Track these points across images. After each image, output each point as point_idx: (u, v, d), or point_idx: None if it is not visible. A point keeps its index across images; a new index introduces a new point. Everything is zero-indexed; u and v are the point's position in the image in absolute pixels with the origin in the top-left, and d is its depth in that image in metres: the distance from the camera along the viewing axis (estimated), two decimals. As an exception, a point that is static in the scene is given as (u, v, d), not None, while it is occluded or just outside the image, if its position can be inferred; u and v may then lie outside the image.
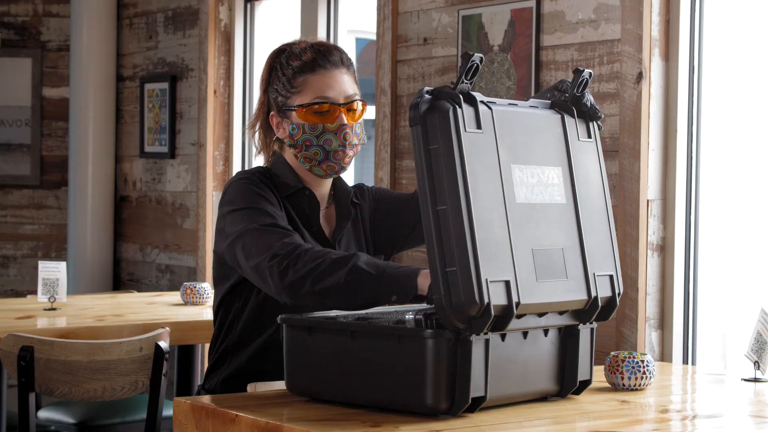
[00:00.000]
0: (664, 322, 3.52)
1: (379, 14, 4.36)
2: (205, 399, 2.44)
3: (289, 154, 2.82)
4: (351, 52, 6.84)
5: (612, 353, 2.75)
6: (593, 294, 2.39)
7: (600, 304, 2.42)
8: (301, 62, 2.75)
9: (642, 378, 2.73)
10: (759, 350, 2.96)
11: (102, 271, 5.99)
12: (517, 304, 2.23)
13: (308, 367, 2.40)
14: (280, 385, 2.70)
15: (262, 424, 2.24)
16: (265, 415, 2.27)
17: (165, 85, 5.69)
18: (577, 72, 2.47)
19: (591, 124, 2.52)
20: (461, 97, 2.22)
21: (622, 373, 2.72)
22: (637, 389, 2.71)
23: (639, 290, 3.47)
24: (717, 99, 3.51)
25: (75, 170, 6.01)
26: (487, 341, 2.26)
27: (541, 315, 2.34)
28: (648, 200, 3.49)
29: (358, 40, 6.82)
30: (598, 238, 2.42)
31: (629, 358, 2.73)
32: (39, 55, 6.23)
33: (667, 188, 3.52)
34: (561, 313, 2.39)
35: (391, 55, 4.30)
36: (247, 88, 5.40)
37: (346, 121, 2.73)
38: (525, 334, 2.37)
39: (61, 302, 4.34)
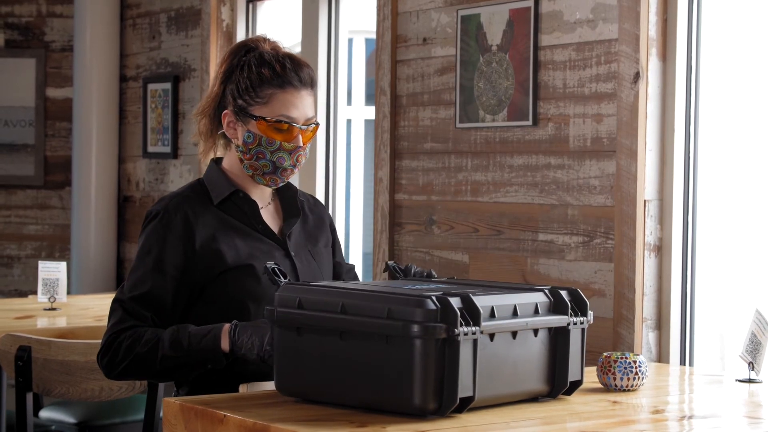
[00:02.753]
0: (661, 323, 3.51)
1: (378, 14, 4.35)
2: (194, 399, 2.44)
3: (231, 157, 2.81)
4: (360, 52, 6.84)
5: (604, 354, 2.74)
6: (546, 290, 2.47)
7: (566, 298, 2.48)
8: (272, 74, 2.72)
9: (635, 379, 2.72)
10: (753, 351, 2.95)
11: (105, 271, 6.00)
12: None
13: (298, 368, 2.39)
14: (272, 386, 2.70)
15: (249, 424, 2.24)
16: (253, 416, 2.27)
17: (168, 86, 5.70)
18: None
19: None
20: None
21: (614, 373, 2.71)
22: (629, 390, 2.70)
23: (636, 291, 3.46)
24: (714, 99, 3.50)
25: (78, 170, 6.02)
26: (475, 341, 2.26)
27: (515, 312, 2.37)
28: (645, 200, 3.48)
29: (367, 40, 6.82)
30: (506, 283, 2.59)
31: (622, 358, 2.73)
32: (43, 55, 6.24)
33: (665, 188, 3.51)
34: (536, 310, 2.42)
35: (391, 55, 4.30)
36: (249, 89, 5.40)
37: (301, 143, 2.75)
38: (514, 334, 2.37)
39: (61, 302, 4.35)
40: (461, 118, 4.02)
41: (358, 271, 4.88)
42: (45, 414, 4.37)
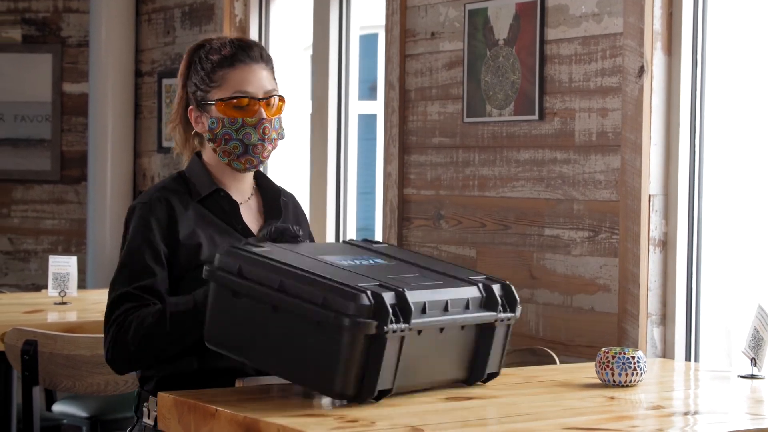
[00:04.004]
0: (666, 319, 3.49)
1: (387, 8, 4.35)
2: (187, 393, 2.45)
3: (208, 151, 2.83)
4: (373, 48, 6.84)
5: (603, 349, 2.73)
6: (480, 285, 2.48)
7: (497, 293, 2.49)
8: (221, 57, 2.76)
9: (633, 374, 2.71)
10: (756, 347, 2.94)
11: (121, 266, 6.02)
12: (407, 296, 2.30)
13: (229, 325, 2.43)
14: (268, 380, 2.70)
15: (240, 418, 2.25)
16: (244, 410, 2.28)
17: (182, 81, 5.70)
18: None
19: None
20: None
21: (612, 369, 2.71)
22: (627, 385, 2.70)
23: (641, 286, 3.44)
24: (720, 93, 3.48)
25: (94, 165, 6.05)
26: (402, 338, 2.29)
27: (445, 308, 2.39)
28: (650, 195, 3.46)
29: (360, 37, 6.79)
30: (442, 265, 2.60)
31: (620, 354, 2.72)
32: (59, 50, 6.27)
33: (669, 183, 3.49)
34: (467, 306, 2.44)
35: (400, 49, 4.29)
36: (262, 83, 5.41)
37: (265, 116, 2.75)
38: (442, 329, 2.40)
39: (71, 296, 4.37)
40: (469, 112, 4.02)
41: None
42: (58, 408, 4.40)
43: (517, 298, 2.55)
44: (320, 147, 4.89)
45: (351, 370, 2.26)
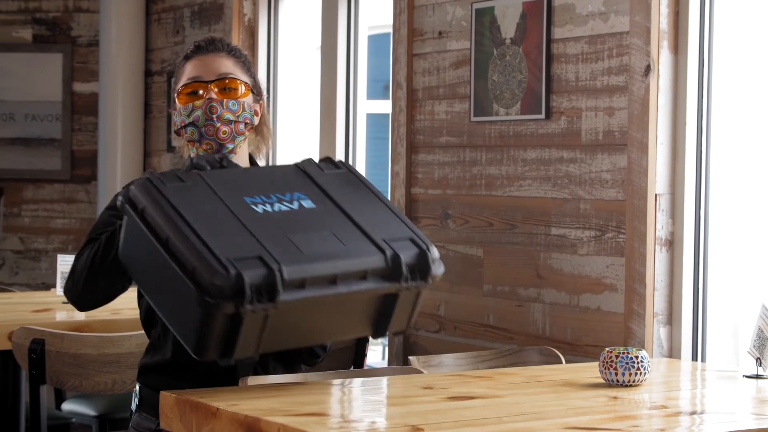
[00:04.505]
0: (672, 318, 3.48)
1: (395, 8, 4.35)
2: (189, 392, 2.45)
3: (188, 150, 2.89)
4: (387, 47, 6.82)
5: (606, 349, 2.73)
6: (388, 253, 2.41)
7: (405, 261, 2.41)
8: (185, 54, 2.84)
9: (636, 374, 2.70)
10: (761, 346, 2.93)
11: (131, 265, 6.03)
12: (281, 274, 2.28)
13: (132, 249, 2.48)
14: (273, 380, 2.71)
15: (241, 417, 2.25)
16: (245, 409, 2.28)
17: (191, 80, 5.71)
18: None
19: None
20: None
21: (616, 368, 2.70)
22: (631, 385, 2.69)
23: (647, 286, 3.43)
24: (727, 92, 3.46)
25: (104, 165, 6.06)
26: (266, 315, 2.30)
27: (332, 282, 2.34)
28: (656, 194, 3.46)
29: (369, 37, 6.80)
30: (373, 216, 2.50)
31: (624, 353, 2.71)
32: (69, 50, 6.29)
33: (676, 182, 3.48)
34: (363, 277, 2.38)
35: (407, 48, 4.29)
36: (271, 83, 5.42)
37: (213, 96, 2.76)
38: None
39: (80, 295, 4.37)
40: (476, 111, 4.01)
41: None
42: (67, 407, 4.41)
43: (432, 265, 2.45)
44: (328, 146, 4.89)
45: (209, 338, 2.31)
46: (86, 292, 2.73)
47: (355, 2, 4.87)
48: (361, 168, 4.91)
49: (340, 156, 4.87)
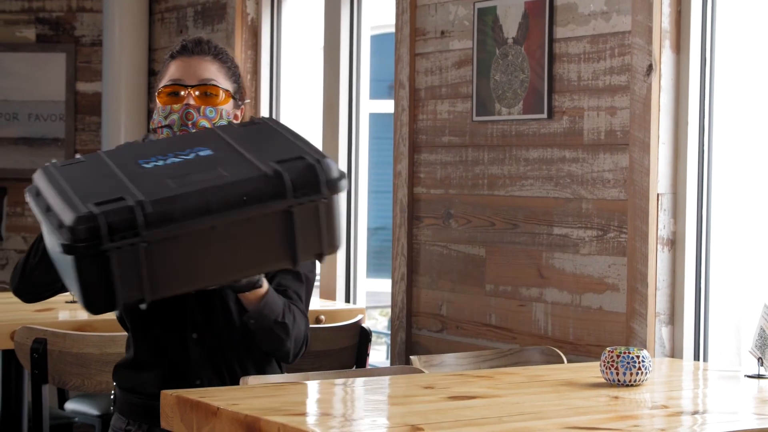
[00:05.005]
0: (674, 318, 3.48)
1: (397, 7, 4.35)
2: (190, 392, 2.45)
3: None
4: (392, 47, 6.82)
5: (608, 349, 2.73)
6: (269, 172, 2.35)
7: (290, 177, 2.35)
8: (170, 52, 2.85)
9: (638, 374, 2.70)
10: (762, 346, 2.93)
11: (134, 265, 6.03)
12: (142, 207, 2.27)
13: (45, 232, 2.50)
14: (273, 379, 2.71)
15: (241, 417, 2.25)
16: (245, 409, 2.28)
17: (194, 80, 5.71)
18: None
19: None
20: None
21: (617, 368, 2.70)
22: (632, 385, 2.69)
23: (649, 285, 3.43)
24: (729, 91, 3.46)
25: (108, 164, 6.06)
26: (136, 252, 2.27)
27: (205, 211, 2.31)
28: (658, 194, 3.45)
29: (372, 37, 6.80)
30: (268, 146, 2.46)
31: (625, 353, 2.71)
32: (73, 50, 6.29)
33: (678, 182, 3.48)
34: (243, 201, 2.33)
35: (410, 48, 4.29)
36: (274, 82, 5.42)
37: (192, 102, 2.76)
38: (214, 227, 2.33)
39: (82, 295, 4.38)
40: (478, 111, 4.01)
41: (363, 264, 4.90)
42: (70, 406, 4.42)
43: (321, 175, 2.37)
44: (331, 146, 4.89)
45: (90, 288, 2.29)
46: (22, 282, 2.74)
47: (358, 2, 4.87)
48: (363, 168, 4.92)
49: (342, 157, 4.88)
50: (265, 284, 2.63)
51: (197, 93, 2.76)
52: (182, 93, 2.76)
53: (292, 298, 2.74)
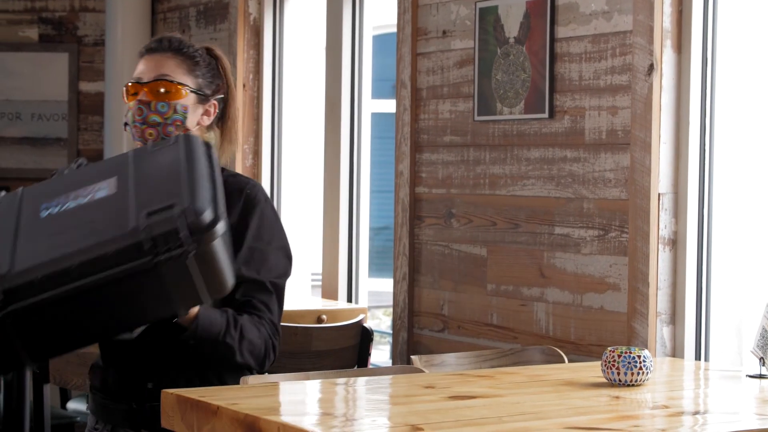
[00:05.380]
0: (675, 318, 3.48)
1: (399, 7, 4.35)
2: (190, 391, 2.45)
3: None
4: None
5: (609, 348, 2.73)
6: (132, 229, 2.31)
7: (152, 233, 2.30)
8: (138, 52, 2.90)
9: (639, 374, 2.70)
10: (764, 346, 2.92)
11: (136, 264, 6.04)
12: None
13: None
14: (274, 379, 2.71)
15: (241, 416, 2.25)
16: (245, 408, 2.28)
17: (197, 79, 5.71)
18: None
19: None
20: None
21: (618, 368, 2.70)
22: (633, 385, 2.69)
23: (650, 285, 3.43)
24: (730, 91, 3.46)
25: (110, 164, 6.06)
26: (3, 326, 2.32)
27: (66, 276, 2.30)
28: (659, 194, 3.45)
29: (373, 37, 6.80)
30: (158, 187, 2.42)
31: (626, 353, 2.71)
32: (75, 50, 6.30)
33: (679, 182, 3.47)
34: (108, 263, 2.31)
35: (411, 47, 4.29)
36: (276, 82, 5.42)
37: (144, 98, 2.78)
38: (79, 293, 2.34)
39: (84, 295, 4.38)
40: (480, 110, 4.01)
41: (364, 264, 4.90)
42: (72, 405, 4.43)
43: (183, 231, 2.28)
44: (333, 146, 4.89)
45: None
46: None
47: (360, 2, 4.88)
48: (365, 167, 4.92)
49: (344, 156, 4.88)
50: (194, 309, 2.58)
51: (150, 90, 2.79)
52: (137, 92, 2.80)
53: (258, 308, 2.71)
